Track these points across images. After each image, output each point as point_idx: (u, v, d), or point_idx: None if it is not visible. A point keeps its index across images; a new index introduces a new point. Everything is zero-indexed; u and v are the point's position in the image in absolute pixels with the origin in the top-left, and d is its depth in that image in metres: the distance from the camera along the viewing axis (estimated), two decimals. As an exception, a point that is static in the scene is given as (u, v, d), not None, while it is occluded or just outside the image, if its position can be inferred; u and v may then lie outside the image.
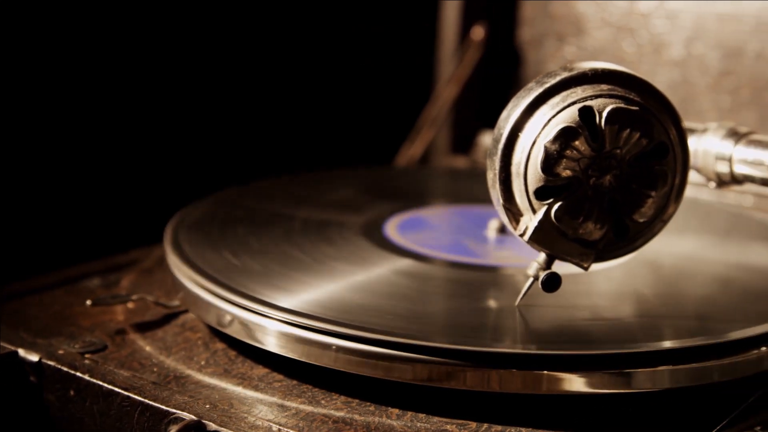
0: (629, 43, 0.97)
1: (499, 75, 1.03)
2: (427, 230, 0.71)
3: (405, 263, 0.63)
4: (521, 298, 0.56)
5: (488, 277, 0.62)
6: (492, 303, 0.59)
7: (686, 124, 0.61)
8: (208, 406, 0.51)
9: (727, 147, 0.59)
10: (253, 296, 0.56)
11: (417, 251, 0.65)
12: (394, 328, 0.52)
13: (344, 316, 0.54)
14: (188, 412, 0.50)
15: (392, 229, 0.70)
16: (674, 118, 0.53)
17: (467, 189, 0.83)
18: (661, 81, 0.95)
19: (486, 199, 0.56)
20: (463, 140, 1.04)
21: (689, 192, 0.89)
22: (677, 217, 0.77)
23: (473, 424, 0.50)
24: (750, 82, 0.91)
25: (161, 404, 0.51)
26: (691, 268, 0.66)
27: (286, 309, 0.54)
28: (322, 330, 0.52)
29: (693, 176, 0.61)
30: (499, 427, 0.50)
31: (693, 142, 0.60)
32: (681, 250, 0.69)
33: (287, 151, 1.14)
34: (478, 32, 1.03)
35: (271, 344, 0.54)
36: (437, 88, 1.04)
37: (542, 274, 0.53)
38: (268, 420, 0.50)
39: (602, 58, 0.96)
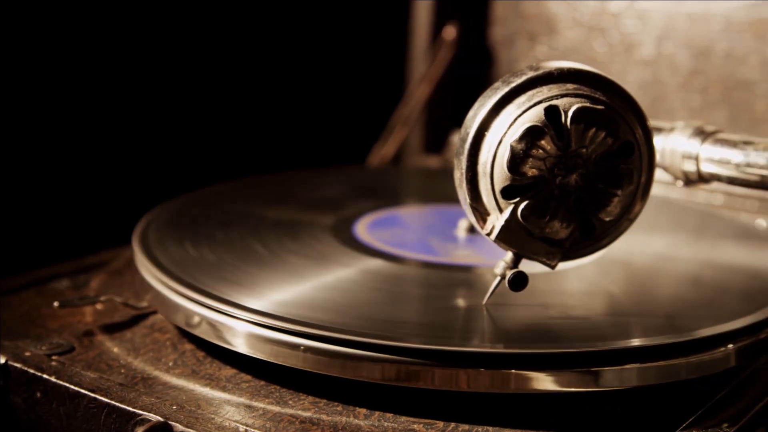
0: (600, 42, 0.98)
1: (471, 74, 1.03)
2: (398, 230, 0.71)
3: (374, 263, 0.63)
4: (489, 297, 0.56)
5: (457, 276, 0.62)
6: (460, 302, 0.59)
7: (653, 123, 0.62)
8: (175, 407, 0.51)
9: (694, 146, 0.59)
10: (221, 297, 0.56)
11: (386, 251, 0.65)
12: (362, 328, 0.52)
13: (312, 316, 0.54)
14: (155, 414, 0.50)
15: (363, 228, 0.70)
16: (640, 117, 0.53)
17: (439, 188, 0.83)
18: (632, 80, 0.96)
19: (457, 199, 0.56)
20: (436, 140, 1.05)
21: (660, 191, 0.90)
22: (648, 216, 0.77)
23: (440, 424, 0.50)
24: (719, 81, 0.92)
25: (128, 406, 0.51)
26: (661, 267, 0.67)
27: (254, 310, 0.54)
28: (290, 331, 0.52)
29: (661, 175, 0.62)
30: (467, 426, 0.50)
31: (660, 141, 0.61)
32: (652, 249, 0.70)
33: (259, 151, 1.14)
34: (449, 32, 1.03)
35: (239, 345, 0.54)
36: (410, 87, 1.04)
37: (509, 273, 0.53)
38: (235, 421, 0.50)
39: (573, 58, 0.97)
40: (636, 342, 0.53)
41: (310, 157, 1.13)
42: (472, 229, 0.70)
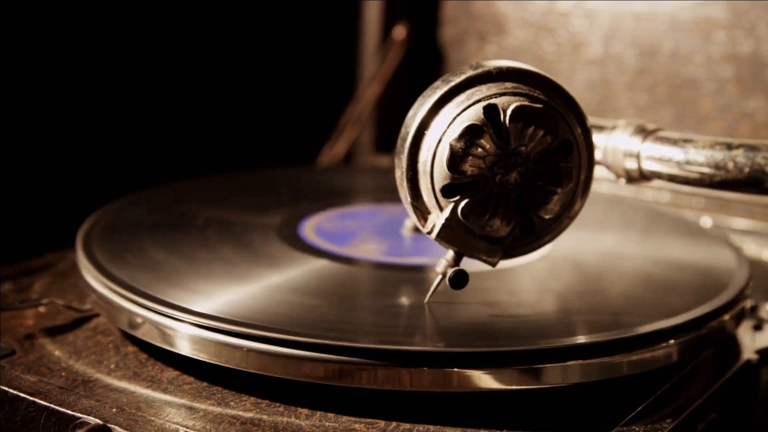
0: (549, 42, 0.98)
1: (421, 74, 1.03)
2: (345, 230, 0.71)
3: (319, 263, 0.63)
4: (430, 296, 0.56)
5: (401, 275, 0.63)
6: (403, 301, 0.59)
7: (595, 121, 0.62)
8: (114, 409, 0.50)
9: (635, 144, 0.59)
10: (163, 300, 0.55)
11: (332, 251, 0.65)
12: (304, 328, 0.52)
13: (255, 317, 0.53)
14: (94, 416, 0.50)
15: (309, 229, 0.70)
16: (579, 115, 0.54)
17: (389, 188, 0.83)
18: (580, 79, 0.96)
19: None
20: (387, 139, 1.05)
21: (608, 189, 0.91)
22: (596, 214, 0.78)
23: (382, 423, 0.50)
24: (666, 80, 0.93)
25: (67, 409, 0.51)
26: (608, 265, 0.67)
27: (195, 312, 0.54)
28: (232, 332, 0.52)
29: (607, 173, 0.62)
30: (408, 425, 0.50)
31: (602, 139, 0.61)
32: (599, 247, 0.70)
33: (207, 151, 1.13)
34: (399, 32, 1.03)
35: (181, 347, 0.54)
36: (360, 87, 1.04)
37: (450, 272, 0.53)
38: (176, 422, 0.49)
39: (523, 58, 0.97)
40: (578, 339, 0.53)
41: (259, 157, 1.13)
42: (417, 228, 0.70)
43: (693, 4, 0.90)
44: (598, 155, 0.61)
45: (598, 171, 0.61)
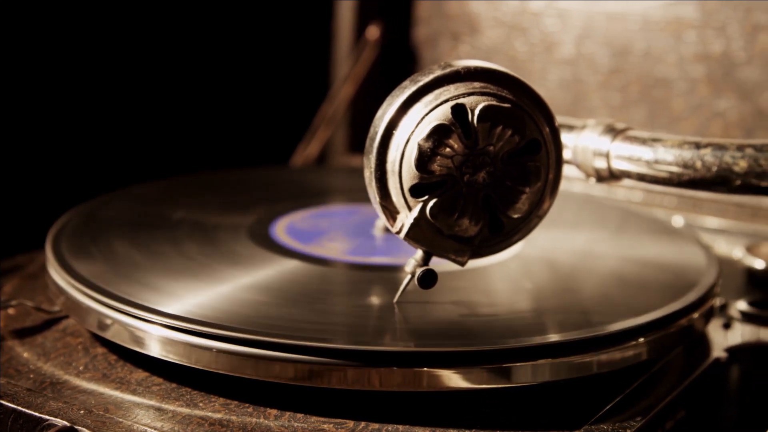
0: (522, 42, 0.98)
1: (395, 74, 1.03)
2: (317, 230, 0.71)
3: (290, 264, 0.63)
4: (399, 295, 0.56)
5: (371, 275, 0.62)
6: (373, 301, 0.59)
7: (565, 120, 0.62)
8: (82, 411, 0.50)
9: (605, 143, 0.60)
10: (131, 300, 0.55)
11: (302, 251, 0.65)
12: (274, 328, 0.52)
13: (225, 318, 0.53)
14: (61, 418, 0.49)
15: (281, 229, 0.70)
16: (547, 115, 0.54)
17: (362, 188, 0.83)
18: (552, 79, 0.96)
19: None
20: (360, 139, 1.05)
21: (580, 188, 0.91)
22: (568, 214, 0.78)
23: (351, 423, 0.50)
24: (638, 79, 0.93)
25: (34, 411, 0.50)
26: (580, 264, 0.67)
27: (165, 313, 0.54)
28: (201, 333, 0.52)
29: (575, 172, 0.62)
30: (377, 425, 0.50)
31: (572, 139, 0.61)
32: (571, 246, 0.70)
33: (179, 151, 1.12)
34: (373, 32, 1.03)
35: (150, 348, 0.53)
36: (334, 87, 1.04)
37: (419, 271, 0.53)
38: (144, 424, 0.49)
39: (496, 57, 0.97)
40: (548, 338, 0.53)
41: (233, 158, 1.13)
42: (388, 228, 0.70)
43: (664, 4, 0.91)
44: (568, 155, 0.61)
45: (570, 170, 0.62)
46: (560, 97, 0.96)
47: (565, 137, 0.61)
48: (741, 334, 0.64)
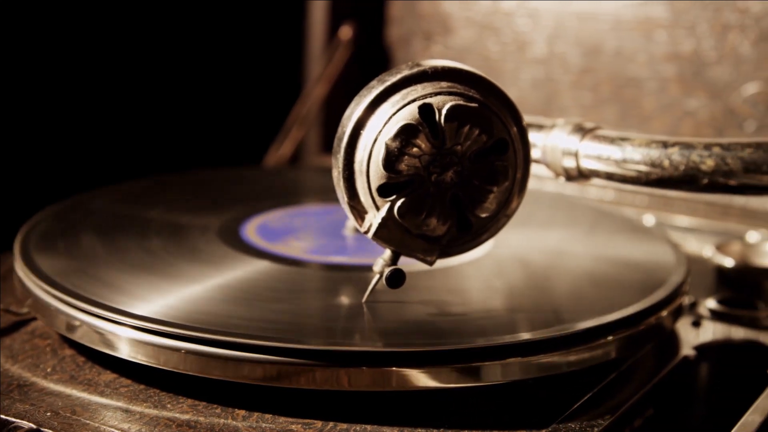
0: (494, 41, 0.99)
1: (368, 74, 1.03)
2: (288, 230, 0.71)
3: (258, 264, 0.63)
4: (368, 295, 0.56)
5: (341, 275, 0.62)
6: (342, 301, 0.59)
7: (534, 120, 0.62)
8: (49, 413, 0.50)
9: (574, 142, 0.60)
10: (100, 302, 0.55)
11: (272, 252, 0.65)
12: (243, 329, 0.52)
13: (194, 318, 0.53)
14: (28, 421, 0.49)
15: (252, 230, 0.70)
16: (515, 114, 0.54)
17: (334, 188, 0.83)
18: (525, 79, 0.97)
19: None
20: (333, 139, 1.04)
21: (552, 188, 0.91)
22: (540, 213, 0.78)
23: (319, 423, 0.50)
24: (609, 79, 0.93)
25: (0, 414, 0.50)
26: (551, 263, 0.68)
27: (133, 314, 0.53)
28: (170, 334, 0.52)
29: (546, 171, 0.62)
30: (345, 425, 0.50)
31: (541, 138, 0.61)
32: (542, 245, 0.70)
33: (151, 152, 1.12)
34: (346, 32, 1.03)
35: (118, 349, 0.53)
36: (306, 87, 1.04)
37: (387, 270, 0.53)
38: (111, 425, 0.49)
39: (468, 57, 0.98)
40: (518, 337, 0.53)
41: (206, 158, 1.12)
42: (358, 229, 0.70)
43: (634, 4, 0.91)
44: (537, 154, 0.61)
45: (541, 170, 0.62)
46: (533, 96, 0.96)
47: (535, 136, 0.62)
48: (710, 332, 0.64)
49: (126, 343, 0.53)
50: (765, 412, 0.53)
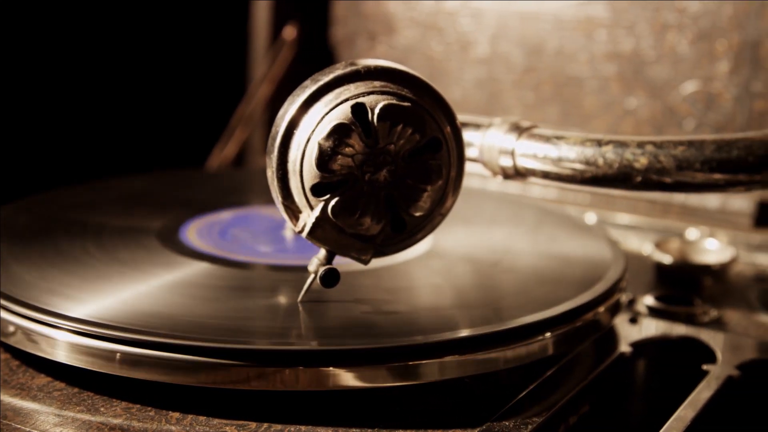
0: (438, 41, 0.99)
1: (313, 74, 1.03)
2: (228, 232, 0.70)
3: (196, 266, 0.62)
4: (303, 295, 0.56)
5: (278, 276, 0.62)
6: (279, 301, 0.59)
7: (471, 119, 0.63)
8: (-21, 419, 0.49)
9: (510, 141, 0.60)
10: (33, 305, 0.54)
11: (210, 253, 0.65)
12: (179, 331, 0.51)
13: (129, 321, 0.53)
14: (-43, 427, 0.48)
15: (192, 232, 0.69)
16: (448, 113, 0.54)
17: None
18: (468, 78, 0.97)
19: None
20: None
21: (497, 187, 0.91)
22: (482, 212, 0.79)
23: (253, 425, 0.49)
24: (551, 78, 0.94)
25: (-71, 420, 0.49)
26: (490, 260, 0.68)
27: (67, 316, 0.53)
28: (105, 337, 0.51)
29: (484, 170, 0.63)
30: (279, 426, 0.49)
31: (478, 137, 0.62)
32: (482, 243, 0.71)
33: (91, 155, 1.10)
34: (290, 32, 1.03)
35: (51, 352, 0.53)
36: (250, 87, 1.04)
37: (321, 270, 0.53)
38: (42, 430, 0.48)
39: (412, 57, 0.98)
40: (455, 334, 0.53)
41: (147, 161, 1.11)
42: (300, 230, 0.69)
43: (575, 4, 0.92)
44: (474, 153, 0.62)
45: (475, 167, 0.62)
46: (476, 96, 0.97)
47: (472, 135, 0.62)
48: (647, 328, 0.65)
49: (59, 346, 0.52)
50: (698, 407, 0.54)
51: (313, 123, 0.51)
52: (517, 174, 0.61)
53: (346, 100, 0.51)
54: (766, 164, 0.53)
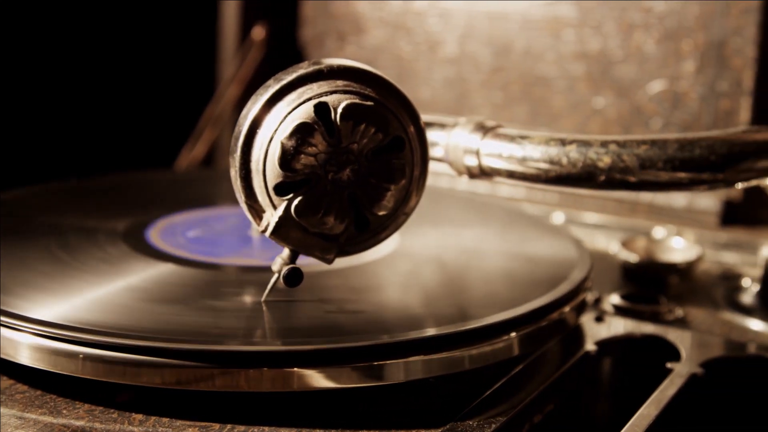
0: (406, 41, 0.99)
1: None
2: (193, 233, 0.70)
3: (160, 267, 0.62)
4: (267, 294, 0.56)
5: (243, 276, 0.62)
6: (243, 301, 0.58)
7: (436, 118, 0.63)
8: (-61, 422, 0.49)
9: (475, 141, 0.60)
10: (-6, 306, 0.54)
11: (174, 254, 0.64)
12: (141, 332, 0.51)
13: (92, 323, 0.52)
14: None
15: (156, 233, 0.69)
16: (412, 113, 0.54)
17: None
18: (437, 78, 0.97)
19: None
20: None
21: (464, 186, 0.92)
22: (451, 211, 0.79)
23: (216, 426, 0.49)
24: (519, 77, 0.94)
25: None
26: (456, 260, 0.68)
27: (29, 318, 0.52)
28: (67, 339, 0.51)
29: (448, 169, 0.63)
30: (242, 427, 0.49)
31: (444, 137, 0.62)
32: (450, 243, 0.71)
33: (60, 155, 1.10)
34: (259, 32, 1.02)
35: (14, 354, 0.52)
36: (219, 88, 1.03)
37: (284, 269, 0.53)
38: (3, 433, 0.48)
39: (381, 57, 0.98)
40: (420, 333, 0.53)
41: (114, 161, 1.10)
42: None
43: (543, 4, 0.92)
44: (439, 152, 0.62)
45: (442, 167, 0.62)
46: (445, 95, 0.97)
47: (437, 135, 0.62)
48: (613, 327, 0.65)
49: (22, 348, 0.52)
50: (662, 405, 0.54)
51: (275, 122, 0.51)
52: (483, 173, 0.61)
53: (309, 99, 0.51)
54: (729, 163, 0.54)
